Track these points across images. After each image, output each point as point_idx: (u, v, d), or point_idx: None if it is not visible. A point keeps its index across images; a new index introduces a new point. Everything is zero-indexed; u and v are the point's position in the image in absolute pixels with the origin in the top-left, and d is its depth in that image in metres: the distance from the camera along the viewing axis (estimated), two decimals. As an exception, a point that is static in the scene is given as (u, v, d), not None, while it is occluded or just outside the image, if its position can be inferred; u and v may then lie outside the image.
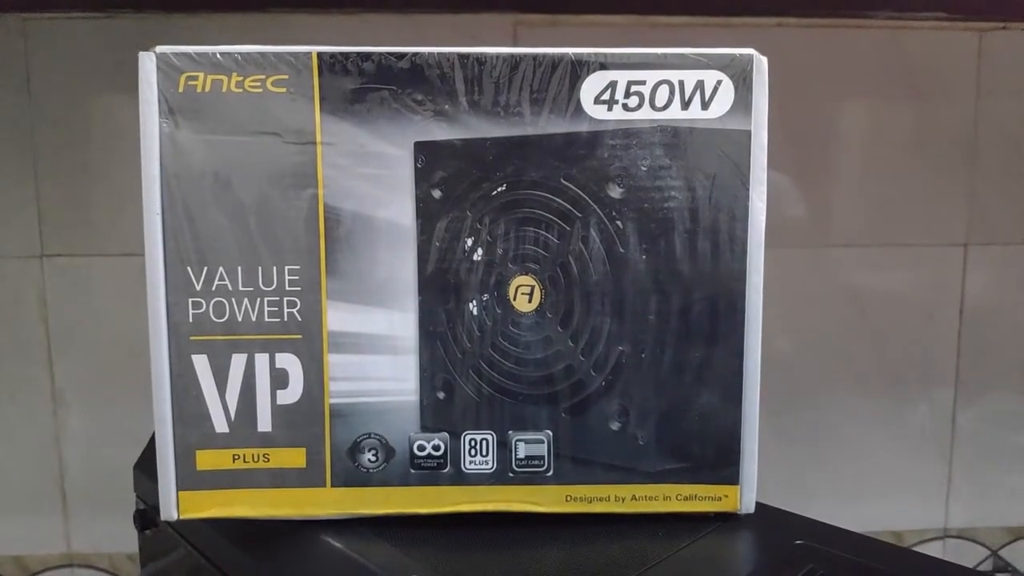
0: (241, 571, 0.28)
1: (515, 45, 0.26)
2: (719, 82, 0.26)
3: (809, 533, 0.27)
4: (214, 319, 0.27)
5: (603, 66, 0.26)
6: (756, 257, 0.27)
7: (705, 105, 0.26)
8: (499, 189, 0.27)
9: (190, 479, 0.27)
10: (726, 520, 0.28)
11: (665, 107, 0.26)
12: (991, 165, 0.61)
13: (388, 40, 0.26)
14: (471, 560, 0.26)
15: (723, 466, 0.28)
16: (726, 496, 0.28)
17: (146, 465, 0.37)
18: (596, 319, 0.27)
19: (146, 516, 0.36)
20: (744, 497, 0.28)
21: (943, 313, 0.65)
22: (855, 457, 0.65)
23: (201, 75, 0.26)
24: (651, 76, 0.26)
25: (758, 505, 0.28)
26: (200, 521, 0.28)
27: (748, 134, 0.27)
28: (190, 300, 0.27)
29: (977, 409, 0.65)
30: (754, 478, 0.28)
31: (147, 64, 0.26)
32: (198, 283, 0.27)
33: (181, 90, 0.26)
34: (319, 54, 0.26)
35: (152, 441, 0.39)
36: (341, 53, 0.26)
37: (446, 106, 0.26)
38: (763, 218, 0.27)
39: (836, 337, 0.63)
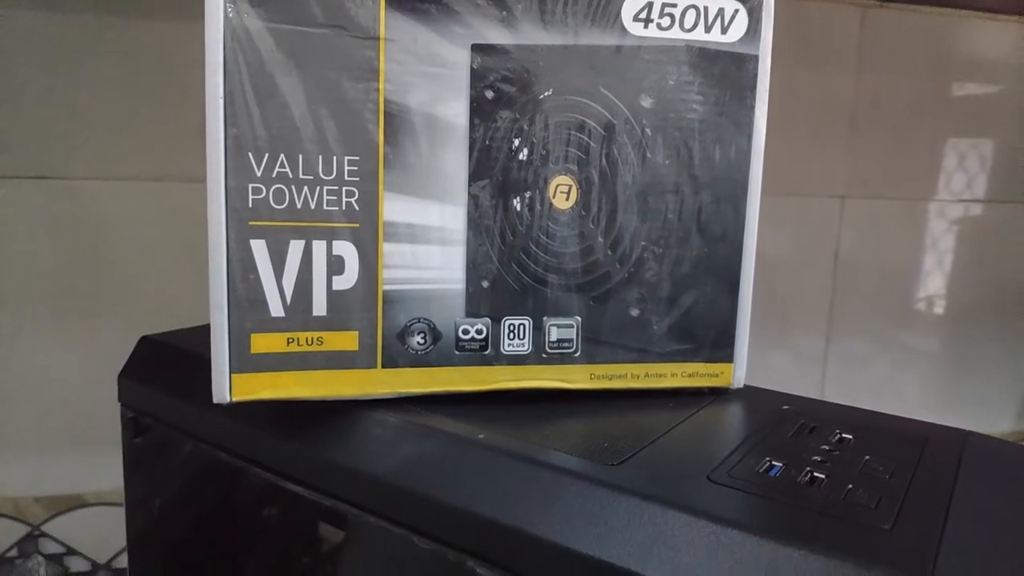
0: (289, 454, 0.29)
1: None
2: (736, 11, 0.30)
3: (792, 402, 0.32)
4: (274, 205, 0.28)
5: (642, -13, 0.29)
6: (756, 165, 0.32)
7: (724, 30, 0.30)
8: (546, 93, 0.29)
9: (244, 362, 0.28)
10: (720, 394, 0.33)
11: (692, 28, 0.30)
12: (868, 127, 0.71)
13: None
14: (516, 426, 0.29)
15: (721, 347, 0.32)
16: (722, 373, 0.33)
17: (133, 372, 0.37)
18: (623, 217, 0.31)
19: (138, 423, 0.36)
20: (736, 374, 0.33)
21: (820, 258, 0.74)
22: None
23: (270, -37, 0.26)
24: (681, 0, 0.30)
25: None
26: (223, 417, 0.28)
27: (756, 58, 0.31)
28: (250, 186, 0.27)
29: (845, 345, 0.75)
30: (744, 358, 0.33)
31: (214, -52, 0.26)
32: (259, 169, 0.27)
33: (248, -23, 0.26)
34: (389, -47, 0.27)
35: (136, 351, 0.39)
36: (410, -47, 0.27)
37: (503, 12, 0.28)
38: (763, 131, 0.31)
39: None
